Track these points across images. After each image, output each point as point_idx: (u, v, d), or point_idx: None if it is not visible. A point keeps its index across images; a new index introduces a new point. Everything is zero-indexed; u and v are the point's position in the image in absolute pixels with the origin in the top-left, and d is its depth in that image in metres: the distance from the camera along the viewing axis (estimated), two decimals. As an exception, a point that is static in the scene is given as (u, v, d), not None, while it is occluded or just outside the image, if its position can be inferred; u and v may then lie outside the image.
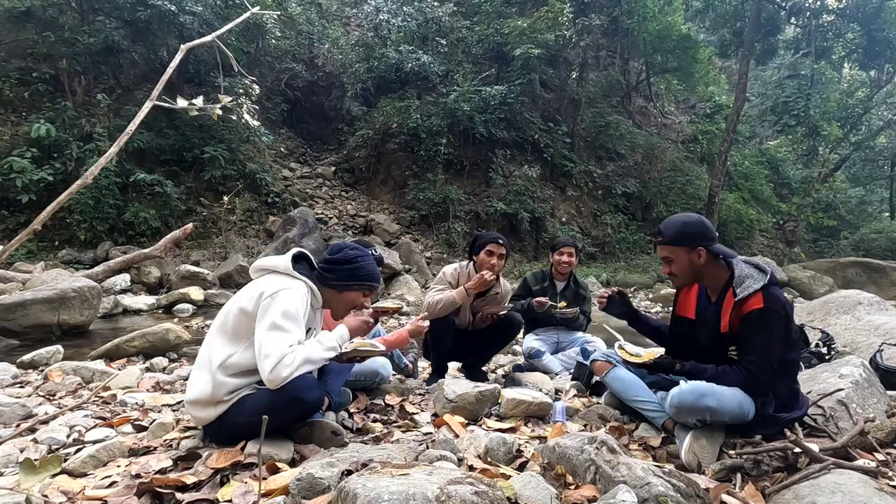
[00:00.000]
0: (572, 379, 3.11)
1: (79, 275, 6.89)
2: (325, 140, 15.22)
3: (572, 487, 1.62)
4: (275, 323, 1.86)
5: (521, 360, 4.00)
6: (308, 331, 2.09)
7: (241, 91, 9.89)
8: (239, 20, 7.06)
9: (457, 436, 2.09)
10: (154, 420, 2.29)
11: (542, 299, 3.55)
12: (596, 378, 2.67)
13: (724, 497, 1.60)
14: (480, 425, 2.26)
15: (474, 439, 2.00)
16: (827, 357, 3.14)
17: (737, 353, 2.03)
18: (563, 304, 3.60)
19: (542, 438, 2.13)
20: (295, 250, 2.15)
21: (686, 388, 1.95)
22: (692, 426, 1.97)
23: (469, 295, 3.07)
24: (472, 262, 3.25)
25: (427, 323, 2.84)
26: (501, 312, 3.17)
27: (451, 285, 3.17)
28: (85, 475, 1.78)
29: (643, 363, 2.20)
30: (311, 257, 2.21)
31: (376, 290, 2.30)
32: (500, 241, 3.13)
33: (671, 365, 2.15)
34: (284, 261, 2.06)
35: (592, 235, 14.11)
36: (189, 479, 1.66)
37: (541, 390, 2.82)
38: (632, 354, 2.26)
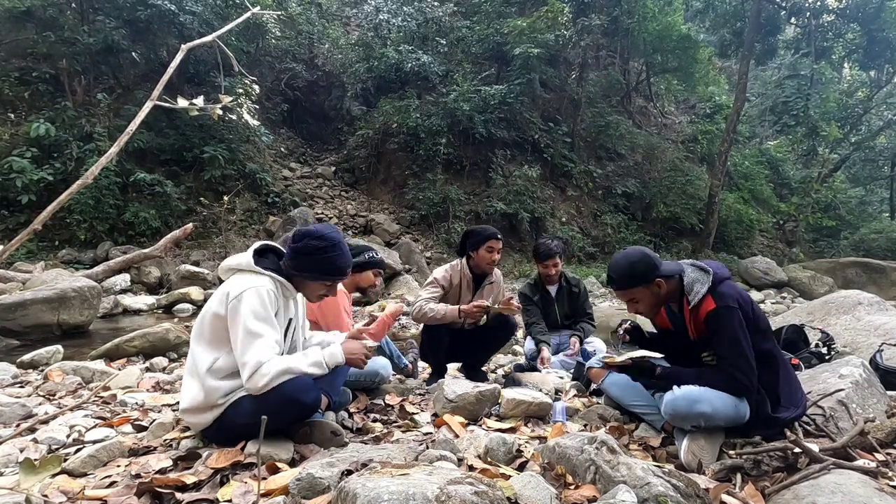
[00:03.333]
0: (572, 379, 3.11)
1: (79, 275, 6.89)
2: (325, 140, 15.22)
3: (572, 487, 1.61)
4: (247, 328, 1.84)
5: (521, 360, 3.99)
6: (289, 322, 2.06)
7: (241, 91, 9.87)
8: (239, 20, 7.07)
9: (457, 436, 2.09)
10: (154, 420, 2.28)
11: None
12: (594, 385, 2.68)
13: (724, 497, 1.60)
14: (480, 425, 2.25)
15: (474, 439, 2.00)
16: (827, 357, 3.13)
17: (712, 357, 2.04)
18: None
19: (542, 438, 2.13)
20: (258, 244, 2.10)
21: (679, 395, 1.95)
22: (689, 430, 1.97)
23: (461, 317, 3.02)
24: (465, 259, 3.22)
25: (403, 306, 2.88)
26: (513, 303, 3.07)
27: (443, 288, 3.16)
28: (85, 475, 1.78)
29: (622, 364, 2.19)
30: (279, 247, 2.15)
31: (341, 281, 2.19)
32: (499, 236, 3.17)
33: (651, 369, 2.15)
34: (246, 257, 2.01)
35: (592, 235, 14.10)
36: (189, 479, 1.66)
37: (541, 390, 2.82)
38: (614, 357, 2.26)
